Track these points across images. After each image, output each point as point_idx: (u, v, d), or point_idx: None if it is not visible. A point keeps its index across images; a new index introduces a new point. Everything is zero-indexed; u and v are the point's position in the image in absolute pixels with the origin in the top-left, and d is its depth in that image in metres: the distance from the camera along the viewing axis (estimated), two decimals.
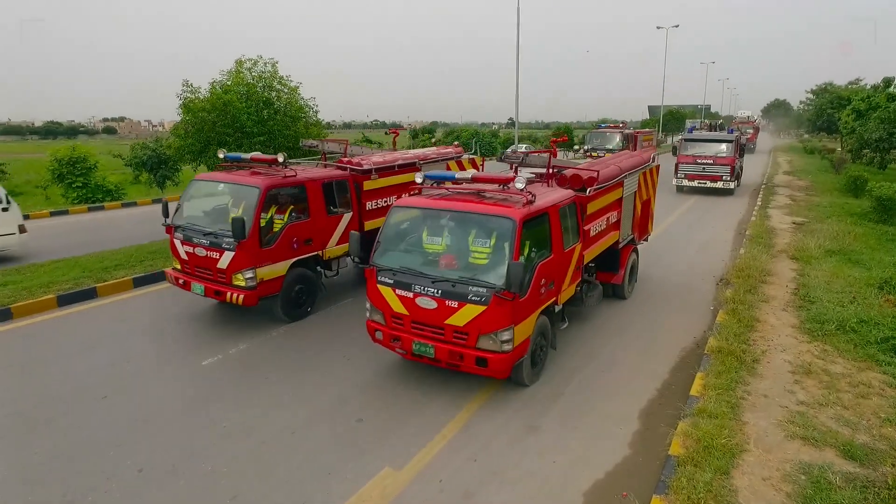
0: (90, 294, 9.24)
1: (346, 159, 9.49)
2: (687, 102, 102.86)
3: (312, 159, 11.13)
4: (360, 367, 6.85)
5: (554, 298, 6.52)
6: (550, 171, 7.64)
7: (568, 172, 7.60)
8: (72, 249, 11.71)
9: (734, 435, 5.09)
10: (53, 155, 21.28)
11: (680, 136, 25.61)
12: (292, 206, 8.21)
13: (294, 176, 8.03)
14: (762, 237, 13.48)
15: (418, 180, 6.63)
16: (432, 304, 5.69)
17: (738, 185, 22.49)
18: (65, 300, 8.91)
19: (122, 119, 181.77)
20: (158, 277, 10.08)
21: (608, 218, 8.24)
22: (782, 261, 11.44)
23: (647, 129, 36.75)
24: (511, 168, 8.06)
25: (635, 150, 28.50)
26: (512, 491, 4.66)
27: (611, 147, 27.05)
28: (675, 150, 23.25)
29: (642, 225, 9.89)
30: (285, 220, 7.99)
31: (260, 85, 13.25)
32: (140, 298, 9.38)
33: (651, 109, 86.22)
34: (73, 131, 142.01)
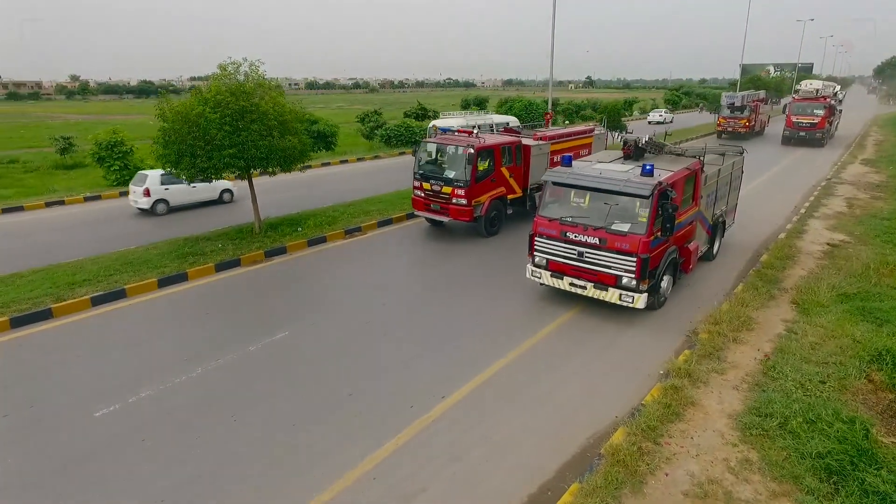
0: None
1: None
2: (789, 60, 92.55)
3: None
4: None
5: None
6: None
7: None
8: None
9: None
10: (95, 139, 22.53)
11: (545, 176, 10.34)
12: None
13: None
14: (775, 265, 11.91)
15: None
16: None
17: (662, 300, 10.11)
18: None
19: (208, 77, 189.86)
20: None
21: None
22: (780, 306, 10.04)
23: (581, 128, 19.37)
24: None
25: (524, 170, 15.14)
26: None
27: (451, 175, 13.82)
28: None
29: None
30: None
31: (241, 91, 12.95)
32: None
33: (746, 68, 74.18)
34: (164, 91, 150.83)
